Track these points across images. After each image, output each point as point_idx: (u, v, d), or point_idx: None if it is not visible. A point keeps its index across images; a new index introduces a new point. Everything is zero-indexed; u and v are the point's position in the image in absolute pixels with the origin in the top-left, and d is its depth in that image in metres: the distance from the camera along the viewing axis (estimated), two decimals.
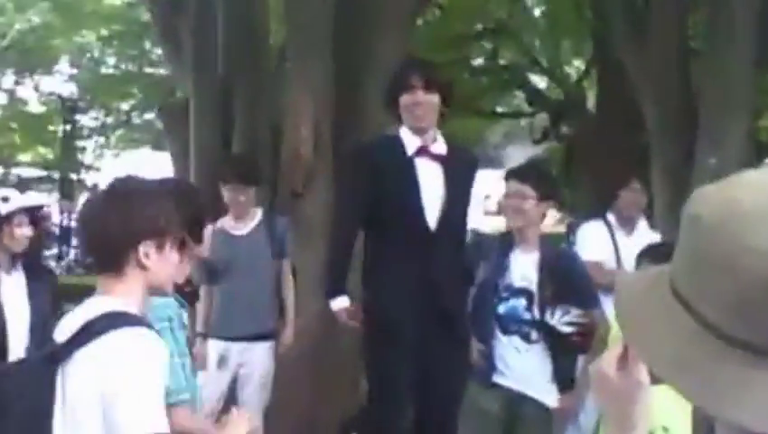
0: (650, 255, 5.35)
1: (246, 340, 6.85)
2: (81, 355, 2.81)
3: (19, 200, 5.64)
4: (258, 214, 7.10)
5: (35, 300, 5.53)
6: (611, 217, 7.18)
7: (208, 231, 5.36)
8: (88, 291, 3.09)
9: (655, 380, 1.64)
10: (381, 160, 5.26)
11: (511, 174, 5.72)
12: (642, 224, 7.37)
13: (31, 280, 5.60)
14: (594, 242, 7.04)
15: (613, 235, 7.07)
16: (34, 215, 5.67)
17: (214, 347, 6.88)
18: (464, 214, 5.52)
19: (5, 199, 5.52)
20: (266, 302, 7.00)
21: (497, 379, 5.51)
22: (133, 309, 2.96)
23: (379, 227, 5.25)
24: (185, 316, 3.94)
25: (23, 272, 5.58)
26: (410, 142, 5.29)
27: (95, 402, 2.74)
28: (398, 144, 5.30)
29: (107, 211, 3.02)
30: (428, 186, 5.23)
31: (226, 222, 6.96)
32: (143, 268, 3.00)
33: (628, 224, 7.20)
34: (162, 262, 3.04)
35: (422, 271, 5.14)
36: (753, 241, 1.33)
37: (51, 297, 5.80)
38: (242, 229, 6.97)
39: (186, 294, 3.63)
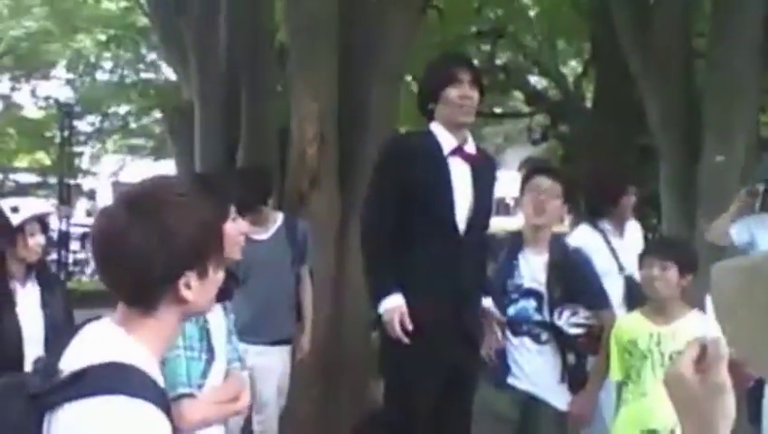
0: (657, 251, 5.37)
1: (264, 344, 6.81)
2: (67, 412, 2.24)
3: (29, 208, 5.45)
4: (279, 219, 7.09)
5: (49, 310, 5.42)
6: (604, 224, 6.99)
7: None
8: (87, 296, 2.84)
9: (738, 382, 1.59)
10: (416, 157, 5.09)
11: (541, 171, 5.71)
12: (632, 225, 7.28)
13: (44, 290, 5.48)
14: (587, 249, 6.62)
15: (607, 239, 6.91)
16: (44, 223, 5.55)
17: None
18: (489, 217, 5.37)
19: (15, 209, 5.35)
20: (286, 307, 7.00)
21: (511, 380, 5.50)
22: (151, 353, 2.40)
23: (408, 228, 5.03)
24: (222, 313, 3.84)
25: (36, 282, 5.46)
26: (446, 140, 5.11)
27: None
28: (432, 141, 5.12)
29: (135, 235, 2.35)
30: (460, 187, 5.09)
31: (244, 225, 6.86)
32: (182, 301, 2.43)
33: (621, 227, 7.09)
34: (204, 288, 2.49)
35: (450, 276, 4.99)
36: None
37: (63, 307, 5.63)
38: (263, 233, 6.92)
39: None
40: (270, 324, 6.75)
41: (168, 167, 12.61)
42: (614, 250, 6.83)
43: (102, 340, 2.39)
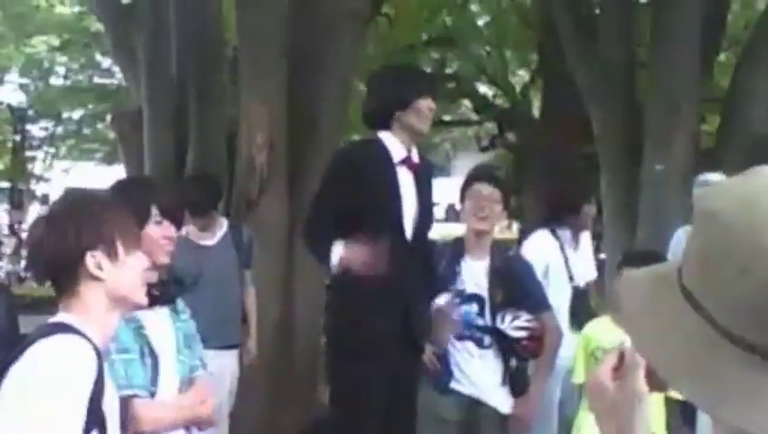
0: (630, 263, 5.43)
1: (216, 348, 6.79)
2: (14, 369, 2.62)
3: None
4: (224, 224, 7.11)
5: None
6: (561, 232, 6.97)
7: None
8: (39, 302, 2.99)
9: (654, 388, 1.64)
10: (367, 166, 5.12)
11: (483, 177, 5.74)
12: (585, 236, 7.29)
13: None
14: (544, 255, 6.72)
15: (563, 250, 6.90)
16: None
17: None
18: (431, 224, 5.44)
19: None
20: (235, 312, 7.03)
21: (454, 385, 5.53)
22: (88, 327, 2.76)
23: (356, 236, 5.01)
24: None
25: None
26: (396, 150, 5.15)
27: None
28: (381, 150, 5.15)
29: (48, 228, 2.83)
30: (406, 196, 5.15)
31: (192, 232, 6.86)
32: (97, 279, 2.80)
33: (577, 237, 7.09)
34: (119, 270, 2.84)
35: (399, 282, 4.99)
36: None
37: (6, 312, 5.46)
38: (209, 239, 6.95)
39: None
40: (221, 328, 6.71)
41: (119, 172, 12.57)
42: (567, 260, 6.85)
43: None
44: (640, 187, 9.51)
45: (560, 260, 6.81)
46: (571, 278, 6.84)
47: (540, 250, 6.70)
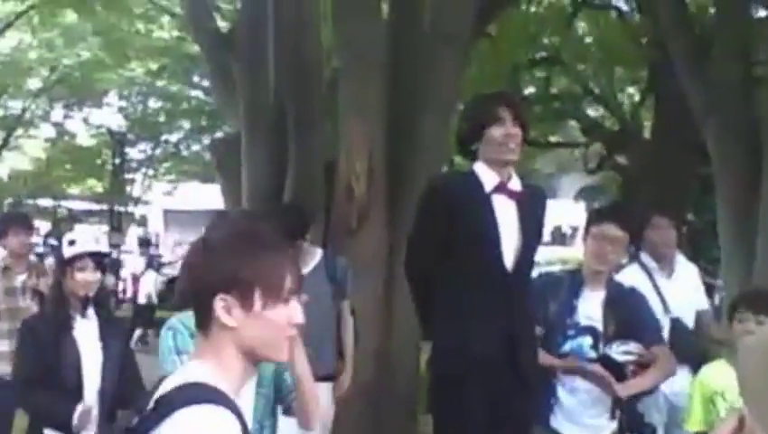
0: (752, 305, 5.14)
1: None
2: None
3: (84, 244, 5.54)
4: (318, 255, 6.99)
5: (107, 345, 5.51)
6: (645, 259, 6.80)
7: None
8: None
9: None
10: (458, 197, 4.97)
11: (613, 218, 5.58)
12: (680, 260, 7.01)
13: (103, 324, 5.58)
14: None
15: (653, 280, 6.68)
16: (100, 261, 5.60)
17: None
18: (535, 254, 5.26)
19: (72, 242, 5.50)
20: (328, 344, 6.86)
21: (555, 423, 5.42)
22: (220, 377, 2.53)
23: (454, 269, 4.94)
24: None
25: (95, 315, 5.56)
26: (488, 178, 4.99)
27: None
28: (474, 180, 5.01)
29: (188, 259, 2.69)
30: (505, 225, 4.97)
31: None
32: (225, 326, 2.52)
33: (664, 264, 6.82)
34: (252, 321, 2.54)
35: (502, 316, 4.88)
36: None
37: (123, 341, 5.88)
38: (302, 269, 6.76)
39: None
40: (314, 361, 6.61)
41: (215, 191, 12.65)
42: (660, 289, 6.62)
43: (180, 371, 2.60)
44: (759, 210, 9.11)
45: (651, 292, 6.47)
46: (666, 310, 6.55)
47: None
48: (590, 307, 5.46)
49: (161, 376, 2.68)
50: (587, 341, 5.40)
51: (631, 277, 6.53)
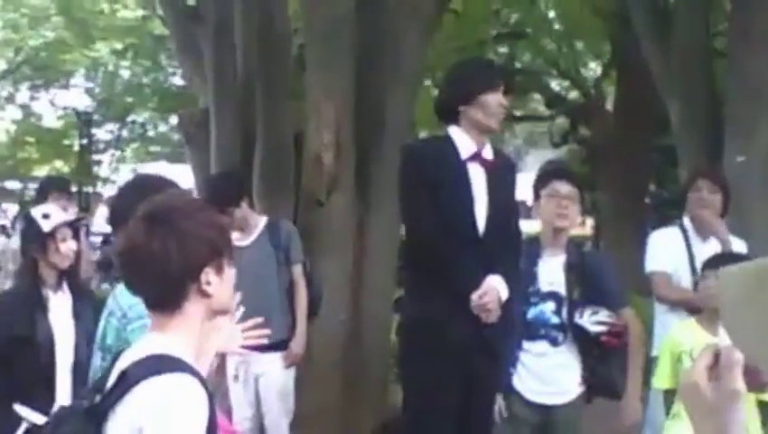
0: (715, 266, 5.20)
1: (259, 351, 6.63)
2: (120, 411, 2.53)
3: (60, 215, 5.49)
4: (261, 223, 6.99)
5: (80, 320, 5.42)
6: (686, 222, 6.54)
7: None
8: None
9: (752, 388, 1.58)
10: (434, 164, 4.98)
11: (561, 175, 5.63)
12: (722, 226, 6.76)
13: (76, 298, 5.50)
14: (664, 251, 6.46)
15: (688, 242, 6.47)
16: (75, 229, 5.59)
17: (230, 361, 6.72)
18: (511, 221, 5.22)
19: (46, 216, 5.39)
20: (277, 311, 6.75)
21: (520, 386, 5.41)
22: (184, 347, 2.66)
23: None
24: None
25: (69, 290, 5.48)
26: (464, 145, 4.99)
27: None
28: (450, 146, 5.01)
29: (157, 242, 2.63)
30: (479, 193, 4.98)
31: (233, 235, 6.77)
32: (205, 296, 2.68)
33: (703, 229, 6.56)
34: (223, 283, 2.74)
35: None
36: None
37: (92, 317, 5.41)
38: (245, 239, 6.83)
39: None
40: (263, 327, 6.60)
41: (184, 171, 12.61)
42: (691, 250, 6.42)
43: (138, 346, 2.69)
44: None
45: (682, 248, 6.44)
46: (693, 271, 6.35)
47: (660, 248, 6.47)
48: (551, 272, 5.44)
49: (115, 353, 2.86)
50: (549, 306, 5.37)
51: (665, 235, 6.63)
